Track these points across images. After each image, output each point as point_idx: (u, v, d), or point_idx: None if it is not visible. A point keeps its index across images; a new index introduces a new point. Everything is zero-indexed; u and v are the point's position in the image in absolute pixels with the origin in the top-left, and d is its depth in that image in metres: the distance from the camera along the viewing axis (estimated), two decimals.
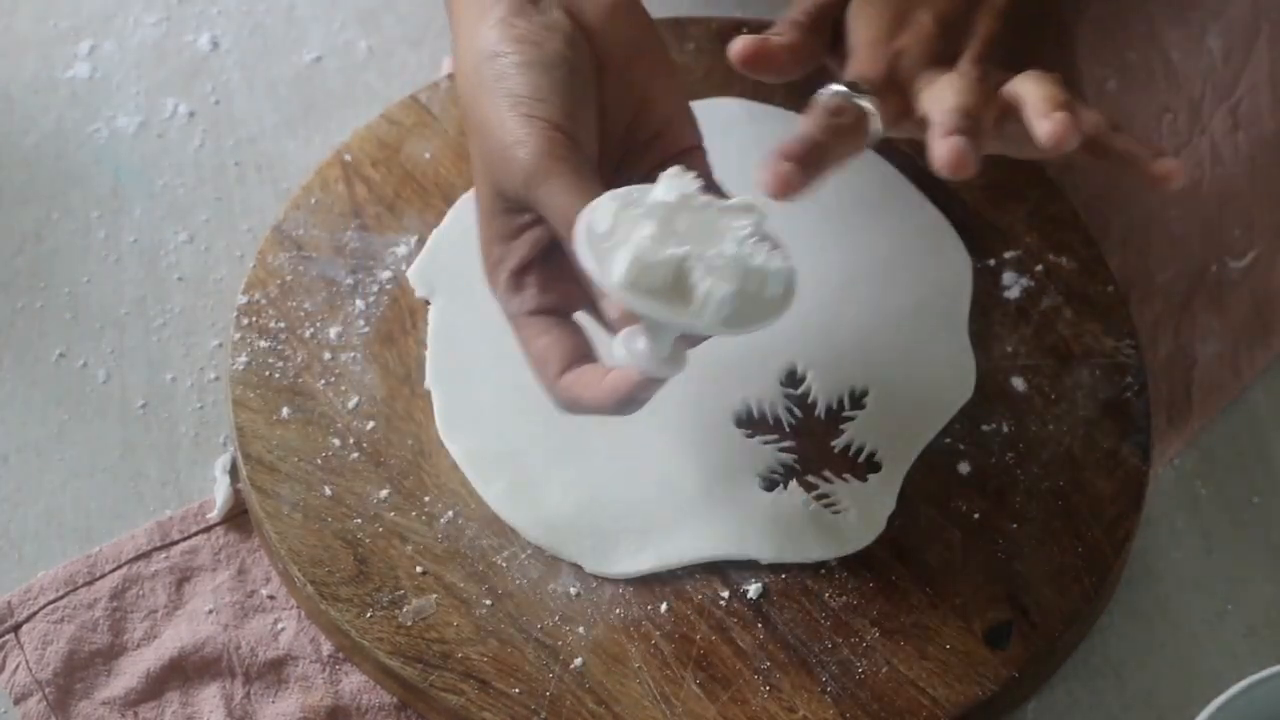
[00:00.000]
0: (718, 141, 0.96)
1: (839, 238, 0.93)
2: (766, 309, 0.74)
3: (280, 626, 0.87)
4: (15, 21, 1.04)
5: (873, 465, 0.87)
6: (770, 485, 0.87)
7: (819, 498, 0.86)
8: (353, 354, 0.90)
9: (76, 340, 0.94)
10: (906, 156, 0.96)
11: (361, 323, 0.91)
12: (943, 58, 0.85)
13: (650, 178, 0.76)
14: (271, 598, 0.87)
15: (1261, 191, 0.99)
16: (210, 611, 0.87)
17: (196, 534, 0.89)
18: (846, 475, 0.87)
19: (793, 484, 0.86)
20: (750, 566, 0.85)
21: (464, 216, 0.93)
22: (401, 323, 0.91)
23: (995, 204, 0.94)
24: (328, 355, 0.90)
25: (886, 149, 0.96)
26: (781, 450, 0.87)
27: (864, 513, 0.85)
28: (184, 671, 0.86)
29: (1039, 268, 0.93)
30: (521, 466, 0.87)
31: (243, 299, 0.91)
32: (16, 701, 0.85)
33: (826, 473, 0.87)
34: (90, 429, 0.92)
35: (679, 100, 0.83)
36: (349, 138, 0.96)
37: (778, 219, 0.93)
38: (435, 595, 0.84)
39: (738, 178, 0.95)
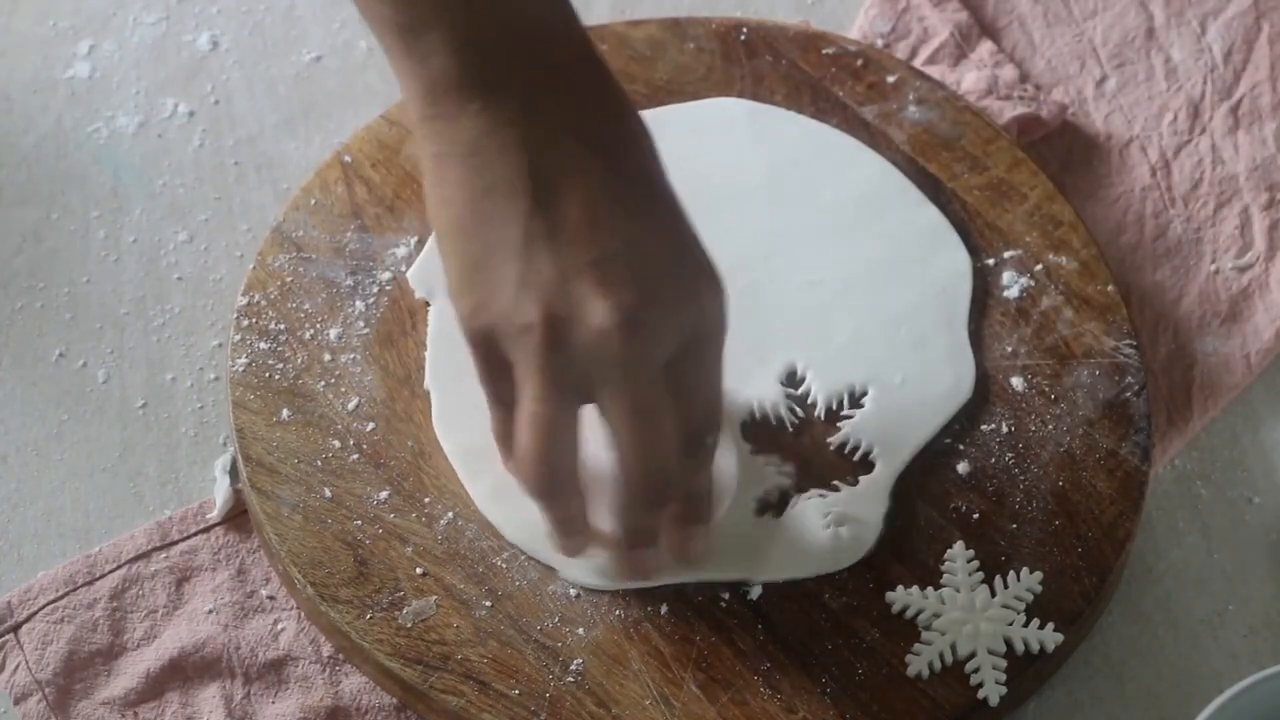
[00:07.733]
0: (718, 141, 0.96)
1: (838, 237, 0.93)
2: None
3: (280, 627, 0.87)
4: (14, 21, 1.04)
5: (867, 465, 0.87)
6: (762, 509, 0.86)
7: (813, 513, 0.85)
8: (353, 355, 0.90)
9: (76, 340, 0.94)
10: (907, 156, 0.96)
11: (361, 324, 0.91)
12: None
13: None
14: (271, 598, 0.87)
15: (1261, 191, 0.99)
16: (210, 612, 0.87)
17: (196, 534, 0.89)
18: (837, 482, 0.86)
19: (786, 505, 0.85)
20: None
21: None
22: (401, 324, 0.91)
23: (995, 204, 0.94)
24: (328, 357, 0.90)
25: (886, 148, 0.96)
26: (781, 474, 0.87)
27: (857, 523, 0.85)
28: (184, 672, 0.86)
29: (1039, 267, 0.93)
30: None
31: (242, 300, 0.91)
32: (16, 702, 0.85)
33: (819, 488, 0.86)
34: (90, 429, 0.92)
35: None
36: (349, 138, 0.96)
37: (778, 219, 0.94)
38: (435, 597, 0.84)
39: (738, 177, 0.95)
